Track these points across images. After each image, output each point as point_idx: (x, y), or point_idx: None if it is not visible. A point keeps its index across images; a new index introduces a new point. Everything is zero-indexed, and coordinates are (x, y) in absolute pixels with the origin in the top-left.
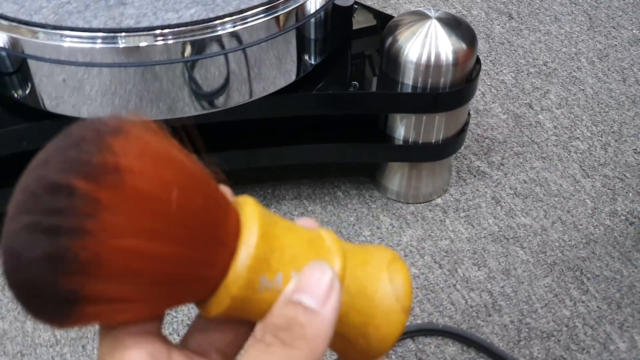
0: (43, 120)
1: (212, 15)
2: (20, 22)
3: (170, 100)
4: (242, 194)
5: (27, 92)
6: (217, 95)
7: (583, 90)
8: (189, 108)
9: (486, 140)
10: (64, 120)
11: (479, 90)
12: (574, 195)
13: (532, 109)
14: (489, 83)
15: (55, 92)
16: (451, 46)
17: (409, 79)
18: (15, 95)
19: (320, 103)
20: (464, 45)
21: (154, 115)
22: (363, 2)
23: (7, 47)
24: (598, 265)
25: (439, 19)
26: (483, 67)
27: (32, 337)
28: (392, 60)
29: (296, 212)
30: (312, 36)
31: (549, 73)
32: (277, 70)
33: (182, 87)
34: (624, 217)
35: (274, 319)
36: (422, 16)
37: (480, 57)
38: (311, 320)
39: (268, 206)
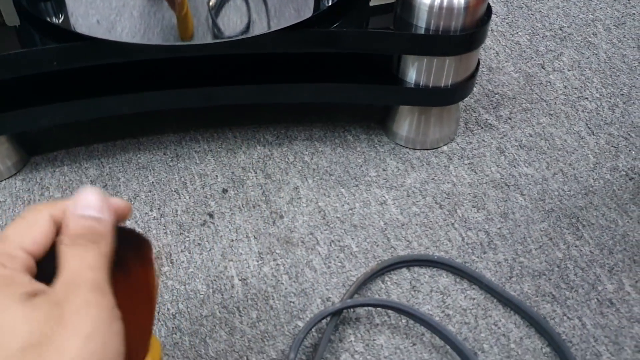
0: (73, 41)
1: None
2: None
3: (191, 26)
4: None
5: (59, 14)
6: (235, 24)
7: (596, 54)
8: (208, 35)
9: (496, 95)
10: (93, 42)
11: (493, 49)
12: (577, 150)
13: (544, 69)
14: (503, 43)
15: (86, 15)
16: None
17: (422, 21)
18: (48, 18)
19: (335, 40)
20: None
21: (175, 40)
22: None
23: None
24: (594, 214)
25: None
26: (499, 28)
27: None
28: (406, 3)
29: (307, 152)
30: None
31: (564, 37)
32: (294, 4)
33: (205, 16)
34: (624, 173)
35: (71, 230)
36: None
37: (498, 19)
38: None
39: (281, 145)
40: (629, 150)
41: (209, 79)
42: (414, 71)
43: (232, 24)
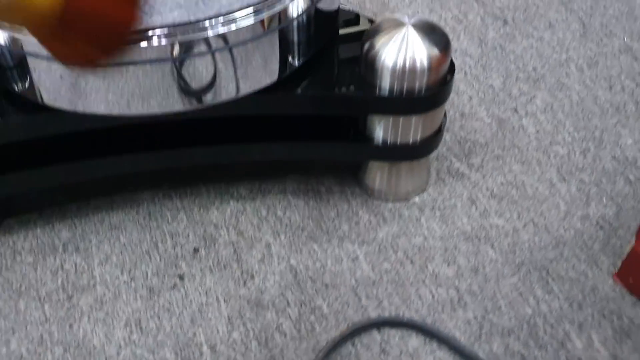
0: (40, 113)
1: (192, 18)
2: None
3: (160, 97)
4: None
5: (26, 86)
6: (203, 92)
7: (569, 96)
8: (178, 104)
9: (468, 142)
10: (60, 114)
11: (466, 93)
12: (548, 199)
13: (517, 113)
14: (477, 87)
15: (52, 87)
16: (425, 52)
17: (385, 82)
18: (16, 88)
19: (301, 103)
20: (437, 51)
21: (145, 110)
22: (361, 5)
23: (7, 44)
24: (564, 266)
25: (414, 25)
26: (473, 71)
27: (24, 314)
28: (369, 65)
29: (280, 206)
30: (295, 38)
31: (537, 79)
32: (260, 70)
33: (170, 84)
34: (595, 222)
35: None
36: (398, 23)
37: (472, 62)
38: None
39: (254, 199)
40: (600, 198)
41: (179, 141)
42: (381, 129)
43: (199, 91)
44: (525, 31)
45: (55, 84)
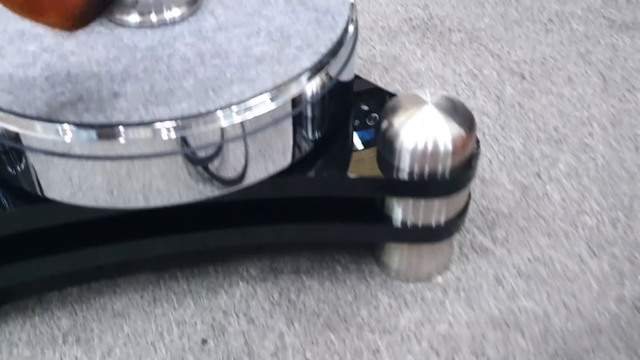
0: (38, 204)
1: (202, 109)
2: (13, 113)
3: (163, 189)
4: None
5: (23, 176)
6: (212, 182)
7: (594, 159)
8: (187, 196)
9: (491, 212)
10: (58, 205)
11: (486, 157)
12: (579, 277)
13: (540, 179)
14: (496, 149)
15: (50, 179)
16: (449, 133)
17: (405, 164)
18: (12, 179)
19: (314, 186)
20: (462, 132)
21: (148, 202)
22: (371, 60)
23: (3, 135)
24: (602, 357)
25: (436, 104)
26: (491, 131)
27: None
28: (387, 144)
29: (293, 288)
30: (310, 120)
31: (559, 139)
32: (272, 156)
33: (175, 177)
34: (631, 304)
35: None
36: (419, 100)
37: (489, 121)
38: None
39: (265, 280)
40: (635, 275)
41: (187, 225)
42: (400, 209)
43: (208, 182)
44: (544, 87)
45: (55, 177)
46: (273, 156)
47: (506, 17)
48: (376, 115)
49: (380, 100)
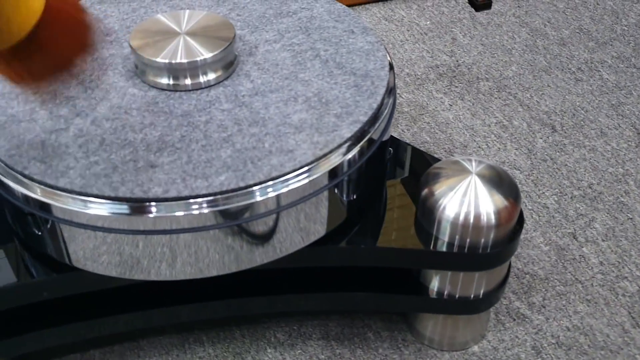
0: (66, 272)
1: (242, 183)
2: (45, 185)
3: (196, 262)
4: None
5: (53, 246)
6: (244, 256)
7: (631, 219)
8: (222, 268)
9: (527, 276)
10: (86, 275)
11: None
12: (622, 349)
13: (576, 240)
14: (530, 207)
15: (80, 249)
16: (493, 206)
17: (444, 234)
18: (42, 248)
19: (348, 257)
20: (507, 204)
21: (180, 274)
22: (399, 109)
23: (34, 205)
24: None
25: (480, 175)
26: (524, 187)
27: None
28: (427, 213)
29: (323, 356)
30: (345, 191)
31: (595, 197)
32: (308, 227)
33: (210, 250)
34: None
35: None
36: (462, 169)
37: (522, 176)
38: None
39: (293, 346)
40: None
41: (214, 293)
42: (437, 280)
43: (244, 255)
44: (576, 140)
45: (85, 248)
46: (308, 227)
47: (534, 65)
48: (391, 149)
49: (419, 163)
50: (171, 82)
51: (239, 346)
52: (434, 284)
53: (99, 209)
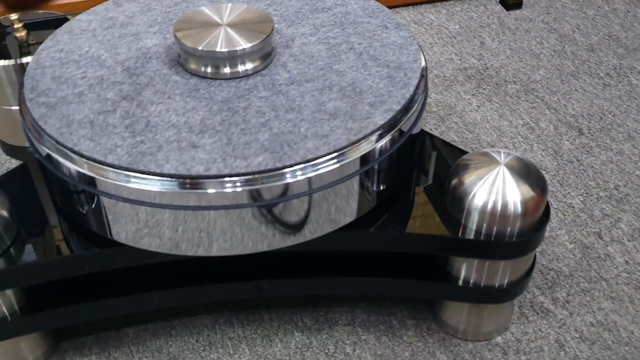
0: (109, 247)
1: (279, 164)
2: (94, 160)
3: (232, 239)
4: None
5: (97, 221)
6: (277, 235)
7: None
8: (255, 246)
9: (551, 272)
10: (128, 249)
11: None
12: None
13: (602, 239)
14: (556, 206)
15: (123, 225)
16: (520, 195)
17: (472, 223)
18: (85, 223)
19: (377, 242)
20: (533, 195)
21: (216, 251)
22: (427, 108)
23: (82, 180)
24: None
25: (509, 166)
26: (550, 187)
27: None
28: (456, 202)
29: (349, 341)
30: (376, 178)
31: (621, 199)
32: (336, 211)
33: (244, 228)
34: None
35: None
36: (491, 160)
37: (548, 176)
38: None
39: (320, 331)
40: None
41: (246, 273)
42: (464, 268)
43: (277, 234)
44: (602, 142)
45: (127, 222)
46: (339, 211)
47: (562, 70)
48: (437, 145)
49: (448, 155)
50: (212, 70)
51: (267, 329)
52: (460, 272)
53: (144, 184)
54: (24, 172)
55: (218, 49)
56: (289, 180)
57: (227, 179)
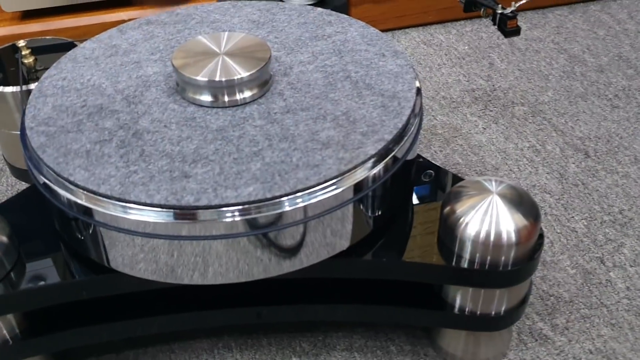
0: (105, 274)
1: (269, 194)
2: (88, 191)
3: (225, 268)
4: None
5: (93, 249)
6: (270, 264)
7: None
8: (244, 275)
9: (551, 298)
10: (122, 277)
11: (548, 238)
12: None
13: (604, 264)
14: (558, 231)
15: (118, 253)
16: (513, 225)
17: (466, 252)
18: (84, 251)
19: (372, 269)
20: (526, 224)
21: (210, 279)
22: (432, 130)
23: (78, 209)
24: None
25: (501, 195)
26: (554, 211)
27: None
28: (449, 230)
29: None
30: (370, 205)
31: (625, 223)
32: (330, 239)
33: (237, 257)
34: None
35: None
36: (483, 189)
37: (552, 200)
38: None
39: (317, 356)
40: None
41: (242, 299)
42: (459, 297)
43: (268, 263)
44: (608, 165)
45: (122, 251)
46: (332, 239)
47: (571, 91)
48: (431, 172)
49: (444, 181)
50: (209, 99)
51: (265, 353)
52: (456, 300)
53: (136, 214)
54: (29, 196)
55: (216, 79)
56: (279, 210)
57: (217, 209)
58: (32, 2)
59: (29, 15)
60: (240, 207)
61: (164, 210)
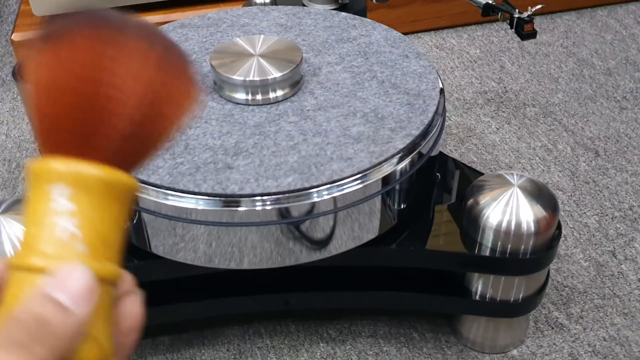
0: (148, 259)
1: (306, 184)
2: (140, 181)
3: (261, 253)
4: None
5: (137, 235)
6: (303, 250)
7: None
8: (282, 261)
9: (566, 289)
10: (166, 262)
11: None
12: None
13: (615, 257)
14: (571, 225)
15: (162, 238)
16: (532, 215)
17: (487, 241)
18: (129, 237)
19: (398, 258)
20: (545, 215)
21: (246, 264)
22: (447, 130)
23: None
24: None
25: (521, 187)
26: (566, 207)
27: None
28: (472, 221)
29: (371, 352)
30: (397, 197)
31: (635, 219)
32: (359, 229)
33: (273, 243)
34: None
35: (21, 315)
36: (505, 182)
37: (564, 197)
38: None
39: (344, 342)
40: None
41: (274, 286)
42: (480, 284)
43: (303, 250)
44: (618, 164)
45: (165, 236)
46: (361, 228)
47: (580, 94)
48: (438, 174)
49: (465, 176)
50: (245, 97)
51: (294, 339)
52: (477, 288)
53: (183, 202)
54: None
55: (251, 78)
56: (316, 199)
57: (258, 197)
58: (63, 6)
59: None
60: (280, 195)
61: (211, 198)
